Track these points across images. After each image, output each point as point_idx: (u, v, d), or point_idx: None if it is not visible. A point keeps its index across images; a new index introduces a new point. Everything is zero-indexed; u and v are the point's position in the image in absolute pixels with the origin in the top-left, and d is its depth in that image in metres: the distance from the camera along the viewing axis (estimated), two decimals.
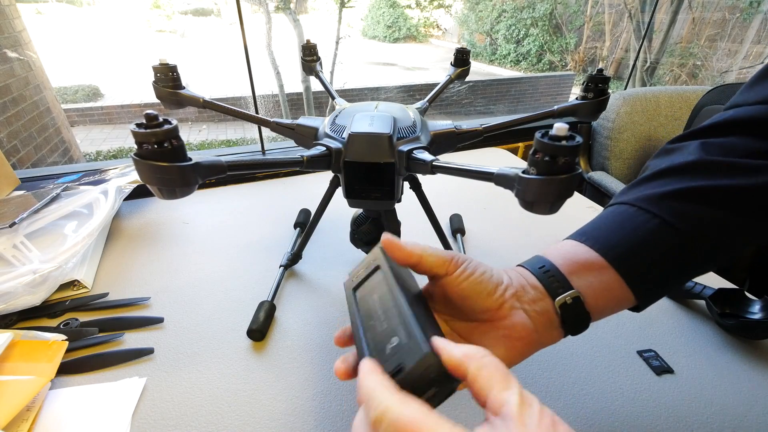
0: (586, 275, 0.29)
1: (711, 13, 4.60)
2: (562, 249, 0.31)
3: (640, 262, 0.30)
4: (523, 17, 6.38)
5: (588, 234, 0.32)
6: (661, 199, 0.30)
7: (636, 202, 0.31)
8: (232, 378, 0.41)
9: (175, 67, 0.46)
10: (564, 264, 0.30)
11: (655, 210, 0.30)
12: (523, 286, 0.29)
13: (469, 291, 0.27)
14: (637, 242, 0.30)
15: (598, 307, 0.29)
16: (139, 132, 0.26)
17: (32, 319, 0.46)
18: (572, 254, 0.30)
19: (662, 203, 0.30)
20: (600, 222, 0.33)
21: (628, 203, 0.32)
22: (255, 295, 0.51)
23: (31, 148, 1.92)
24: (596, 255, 0.30)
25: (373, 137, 0.37)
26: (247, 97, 1.01)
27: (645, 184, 0.33)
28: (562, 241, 0.33)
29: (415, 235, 0.60)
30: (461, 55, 0.58)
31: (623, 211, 0.32)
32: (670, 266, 0.30)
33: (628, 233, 0.30)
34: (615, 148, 1.16)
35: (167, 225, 0.66)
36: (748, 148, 0.30)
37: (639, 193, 0.32)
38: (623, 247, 0.30)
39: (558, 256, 0.30)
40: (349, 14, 7.40)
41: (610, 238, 0.30)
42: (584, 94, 0.45)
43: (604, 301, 0.29)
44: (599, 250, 0.30)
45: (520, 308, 0.28)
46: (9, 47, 1.85)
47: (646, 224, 0.30)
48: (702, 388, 0.41)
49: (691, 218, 0.29)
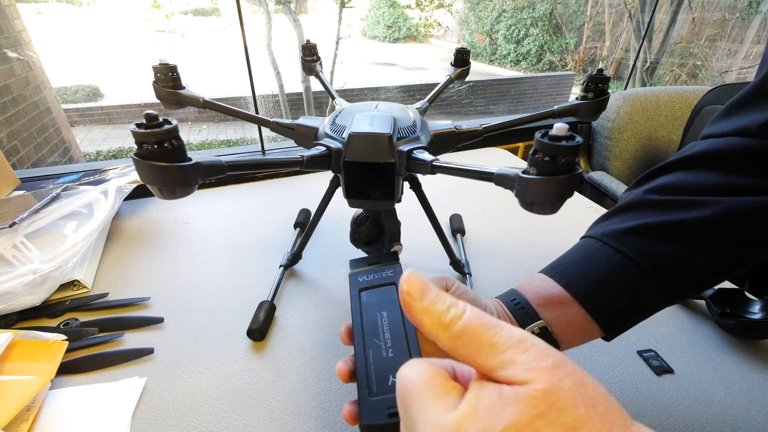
0: (552, 308, 0.31)
1: (711, 13, 4.60)
2: (533, 284, 0.33)
3: (605, 297, 0.31)
4: (523, 17, 6.38)
5: (557, 269, 0.34)
6: (624, 234, 0.32)
7: (602, 237, 0.33)
8: (232, 378, 0.41)
9: (175, 67, 0.46)
10: (534, 298, 0.32)
11: (618, 246, 0.31)
12: (498, 316, 0.31)
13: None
14: (600, 277, 0.31)
15: (566, 336, 0.31)
16: (139, 132, 0.26)
17: (32, 319, 0.46)
18: (541, 289, 0.32)
19: (624, 239, 0.32)
20: (568, 257, 0.34)
21: (594, 237, 0.33)
22: (255, 295, 0.51)
23: (31, 148, 1.92)
24: (561, 290, 0.32)
25: (373, 137, 0.37)
26: (247, 97, 1.01)
27: (612, 218, 0.34)
28: (536, 275, 0.35)
29: (415, 235, 0.60)
30: (461, 55, 0.58)
31: (590, 245, 0.33)
32: (634, 299, 0.31)
33: (592, 268, 0.32)
34: (615, 148, 1.16)
35: (167, 225, 0.66)
36: (708, 183, 0.31)
37: (606, 227, 0.33)
38: (587, 283, 0.31)
39: (529, 290, 0.33)
40: (349, 14, 7.39)
41: (576, 273, 0.32)
42: (584, 94, 0.45)
43: (570, 331, 0.31)
44: (565, 286, 0.32)
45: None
46: (9, 47, 1.85)
47: (610, 260, 0.31)
48: (702, 388, 0.41)
49: (650, 253, 0.31)
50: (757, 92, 0.32)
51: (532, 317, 0.31)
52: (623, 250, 0.31)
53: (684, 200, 0.31)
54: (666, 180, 0.33)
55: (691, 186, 0.32)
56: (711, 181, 0.31)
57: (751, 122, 0.31)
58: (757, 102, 0.32)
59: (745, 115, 0.32)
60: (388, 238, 0.47)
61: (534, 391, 0.14)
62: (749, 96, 0.32)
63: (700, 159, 0.33)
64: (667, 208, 0.31)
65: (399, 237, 0.47)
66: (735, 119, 0.33)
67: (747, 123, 0.31)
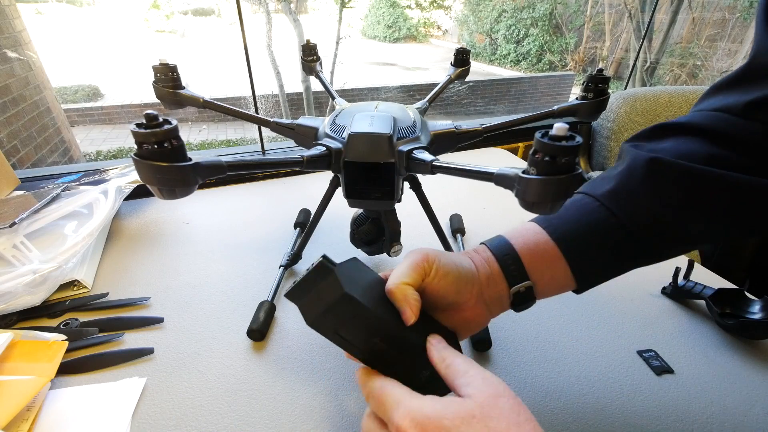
0: (540, 267, 0.33)
1: (711, 13, 4.60)
2: (526, 235, 0.34)
3: (591, 257, 0.33)
4: (523, 17, 6.38)
5: (550, 221, 0.34)
6: (620, 196, 0.33)
7: (600, 197, 0.34)
8: (232, 378, 0.41)
9: (175, 67, 0.46)
10: (525, 254, 0.33)
11: (614, 208, 0.33)
12: (487, 276, 0.32)
13: (443, 291, 0.30)
14: (591, 239, 0.33)
15: (544, 291, 0.34)
16: (139, 132, 0.26)
17: (32, 319, 0.46)
18: (533, 243, 0.33)
19: (621, 201, 0.33)
20: (563, 211, 0.34)
21: (592, 196, 0.34)
22: (255, 295, 0.51)
23: (31, 148, 1.92)
24: (553, 245, 0.33)
25: (373, 137, 0.37)
26: (247, 97, 1.01)
27: (617, 179, 0.34)
28: (529, 224, 0.35)
29: (415, 235, 0.60)
30: (461, 55, 0.58)
31: (587, 203, 0.34)
32: (615, 261, 0.34)
33: (585, 226, 0.33)
34: (615, 148, 1.16)
35: (167, 225, 0.66)
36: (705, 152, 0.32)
37: (604, 186, 0.34)
38: (579, 243, 0.33)
39: (521, 243, 0.34)
40: (349, 14, 7.40)
41: (569, 230, 0.33)
42: (584, 94, 0.45)
43: (550, 288, 0.34)
44: (557, 240, 0.33)
45: (481, 299, 0.32)
46: (9, 47, 1.85)
47: (606, 221, 0.33)
48: (702, 388, 0.41)
49: (641, 217, 0.32)
50: (744, 73, 0.34)
51: (521, 277, 0.33)
52: (618, 213, 0.32)
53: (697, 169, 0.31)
54: (673, 144, 0.34)
55: (694, 154, 0.32)
56: (707, 150, 0.32)
57: (735, 102, 0.33)
58: (743, 82, 0.34)
59: (730, 94, 0.34)
60: (388, 238, 0.47)
61: (474, 401, 0.23)
62: (737, 77, 0.34)
63: (694, 128, 0.34)
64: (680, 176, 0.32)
65: (399, 237, 0.47)
66: (721, 97, 0.35)
67: (731, 102, 0.33)
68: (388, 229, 0.46)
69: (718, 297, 0.49)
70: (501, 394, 0.23)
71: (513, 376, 0.42)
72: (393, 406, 0.24)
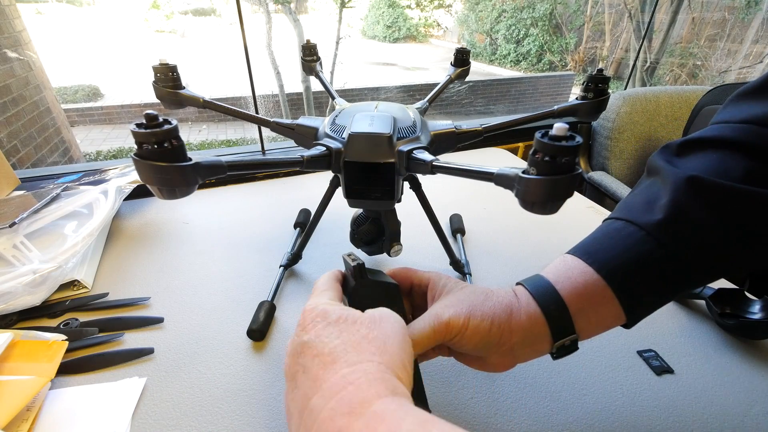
0: (588, 311, 0.30)
1: (711, 13, 4.60)
2: (572, 276, 0.30)
3: (640, 290, 0.30)
4: (523, 17, 6.38)
5: (593, 255, 0.31)
6: (668, 227, 0.29)
7: (645, 226, 0.30)
8: (232, 378, 0.41)
9: (175, 67, 0.46)
10: (573, 300, 0.29)
11: (663, 239, 0.29)
12: (525, 330, 0.29)
13: (473, 351, 0.30)
14: (642, 269, 0.29)
15: (586, 335, 0.31)
16: (139, 132, 0.26)
17: (32, 319, 0.46)
18: (582, 286, 0.30)
19: (669, 231, 0.29)
20: (604, 240, 0.32)
21: (636, 224, 0.31)
22: (255, 295, 0.51)
23: (31, 148, 1.92)
24: (603, 283, 0.29)
25: (373, 137, 0.37)
26: (247, 97, 1.01)
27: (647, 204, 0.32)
28: (569, 260, 0.32)
29: (415, 235, 0.60)
30: (461, 55, 0.58)
31: (632, 233, 0.30)
32: (667, 291, 0.31)
33: (634, 260, 0.30)
34: (615, 148, 1.16)
35: (167, 225, 0.66)
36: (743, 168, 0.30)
37: (649, 215, 0.31)
38: (629, 276, 0.29)
39: (569, 288, 0.30)
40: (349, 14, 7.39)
41: (618, 264, 0.30)
42: (584, 94, 0.45)
43: (593, 331, 0.31)
44: (606, 277, 0.29)
45: (510, 354, 0.30)
46: (9, 47, 1.85)
47: (655, 252, 0.29)
48: (702, 388, 0.41)
49: (690, 246, 0.29)
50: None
51: (568, 330, 0.29)
52: (665, 242, 0.29)
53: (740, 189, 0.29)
54: (705, 161, 0.31)
55: (731, 171, 0.30)
56: (744, 167, 0.30)
57: (765, 112, 0.30)
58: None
59: (757, 104, 0.31)
60: (388, 238, 0.47)
61: (363, 314, 0.27)
62: (762, 85, 0.32)
63: (726, 142, 0.31)
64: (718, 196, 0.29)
65: (399, 237, 0.47)
66: (746, 107, 0.32)
67: (760, 113, 0.31)
68: (388, 229, 0.46)
69: (718, 297, 0.49)
70: (386, 319, 0.26)
71: (513, 376, 0.42)
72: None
